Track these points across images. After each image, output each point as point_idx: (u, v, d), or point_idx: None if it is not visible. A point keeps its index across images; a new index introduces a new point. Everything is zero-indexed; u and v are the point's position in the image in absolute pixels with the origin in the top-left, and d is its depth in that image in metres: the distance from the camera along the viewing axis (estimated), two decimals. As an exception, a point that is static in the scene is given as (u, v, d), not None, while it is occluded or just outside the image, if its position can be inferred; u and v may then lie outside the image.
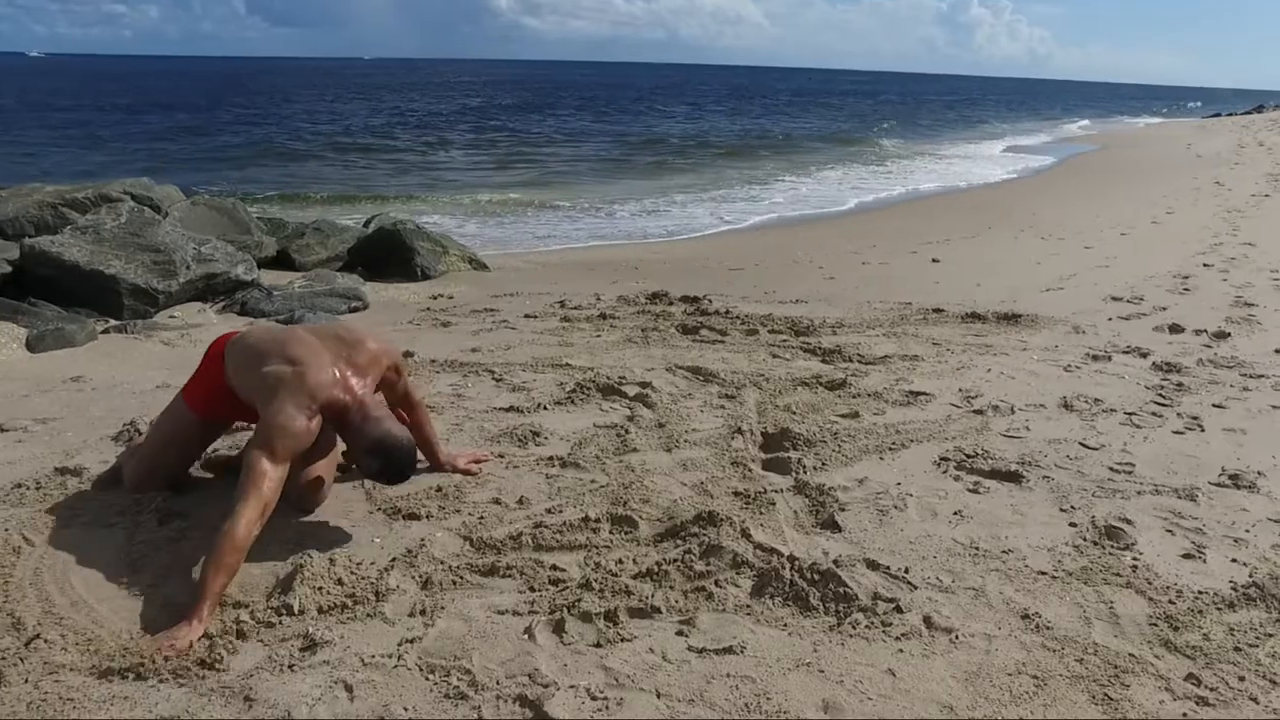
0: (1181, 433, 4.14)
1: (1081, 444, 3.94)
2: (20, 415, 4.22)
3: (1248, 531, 3.14)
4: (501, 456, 3.68)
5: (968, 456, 3.70)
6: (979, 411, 4.31)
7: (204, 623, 2.39)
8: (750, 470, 3.54)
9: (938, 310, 6.77)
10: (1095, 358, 5.41)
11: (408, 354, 5.41)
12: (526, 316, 6.75)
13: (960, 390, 4.66)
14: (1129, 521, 3.16)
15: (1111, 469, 3.67)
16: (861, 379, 4.82)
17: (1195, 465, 3.75)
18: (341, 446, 3.22)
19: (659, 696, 2.17)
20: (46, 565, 2.76)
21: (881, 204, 15.73)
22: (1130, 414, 4.36)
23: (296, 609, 2.50)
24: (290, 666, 2.28)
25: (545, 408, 4.31)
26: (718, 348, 5.59)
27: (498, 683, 2.20)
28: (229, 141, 25.06)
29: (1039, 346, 5.69)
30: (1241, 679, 2.29)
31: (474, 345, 5.72)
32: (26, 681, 2.21)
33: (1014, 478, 3.51)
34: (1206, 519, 3.23)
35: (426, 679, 2.23)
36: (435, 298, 7.80)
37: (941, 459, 3.69)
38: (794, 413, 4.22)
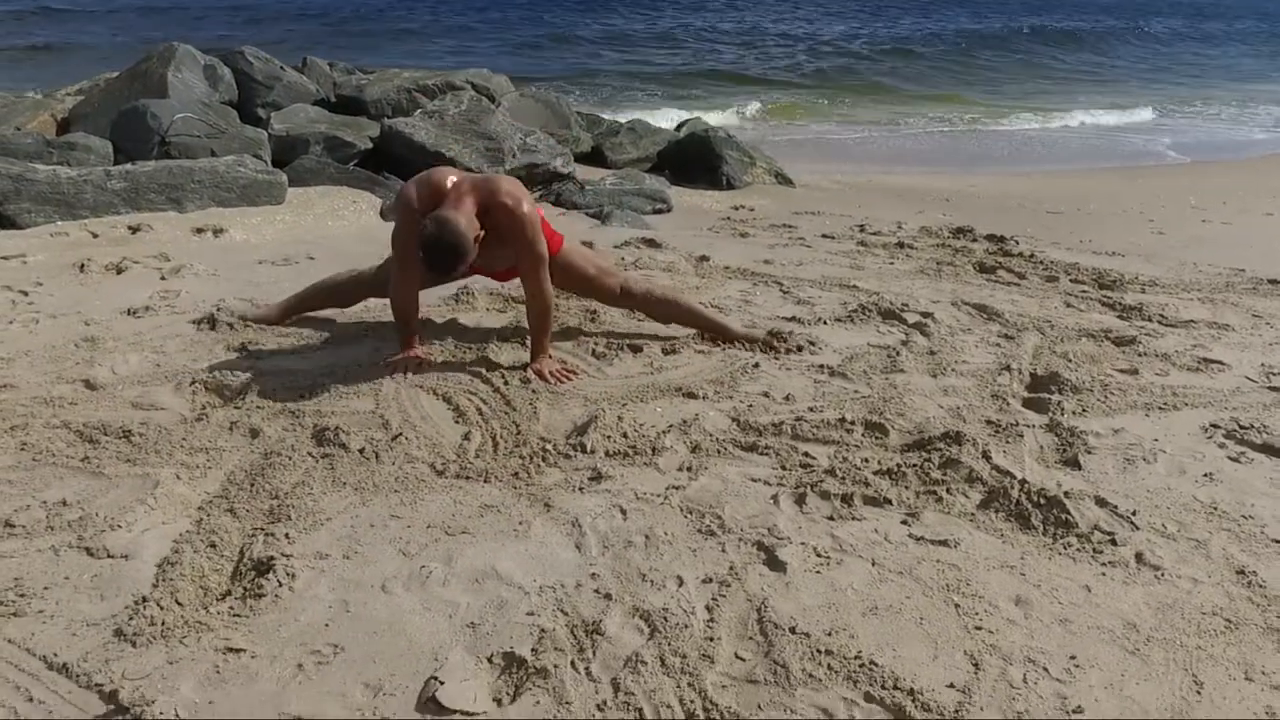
0: None
1: (1383, 436, 3.99)
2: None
3: None
4: (777, 351, 4.31)
5: (1242, 428, 3.88)
6: (1274, 389, 4.40)
7: (408, 346, 4.04)
8: (1008, 405, 3.95)
9: (1274, 281, 6.56)
10: None
11: (703, 258, 6.13)
12: (823, 236, 7.27)
13: (1263, 365, 4.71)
14: (1399, 513, 3.29)
15: (1406, 464, 3.73)
16: (1155, 339, 4.97)
17: None
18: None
19: (873, 564, 2.74)
20: (404, 386, 3.74)
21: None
22: None
23: (589, 449, 3.29)
24: (580, 489, 3.06)
25: (825, 322, 4.87)
26: (1011, 290, 5.87)
27: (741, 529, 2.87)
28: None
29: (1382, 335, 5.50)
30: None
31: (767, 257, 6.35)
32: (394, 464, 3.13)
33: (1285, 454, 3.69)
34: None
35: (685, 516, 2.93)
36: (736, 208, 8.48)
37: (1212, 425, 3.90)
38: (1070, 360, 4.52)
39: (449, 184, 3.88)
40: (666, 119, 13.17)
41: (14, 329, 4.22)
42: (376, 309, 4.73)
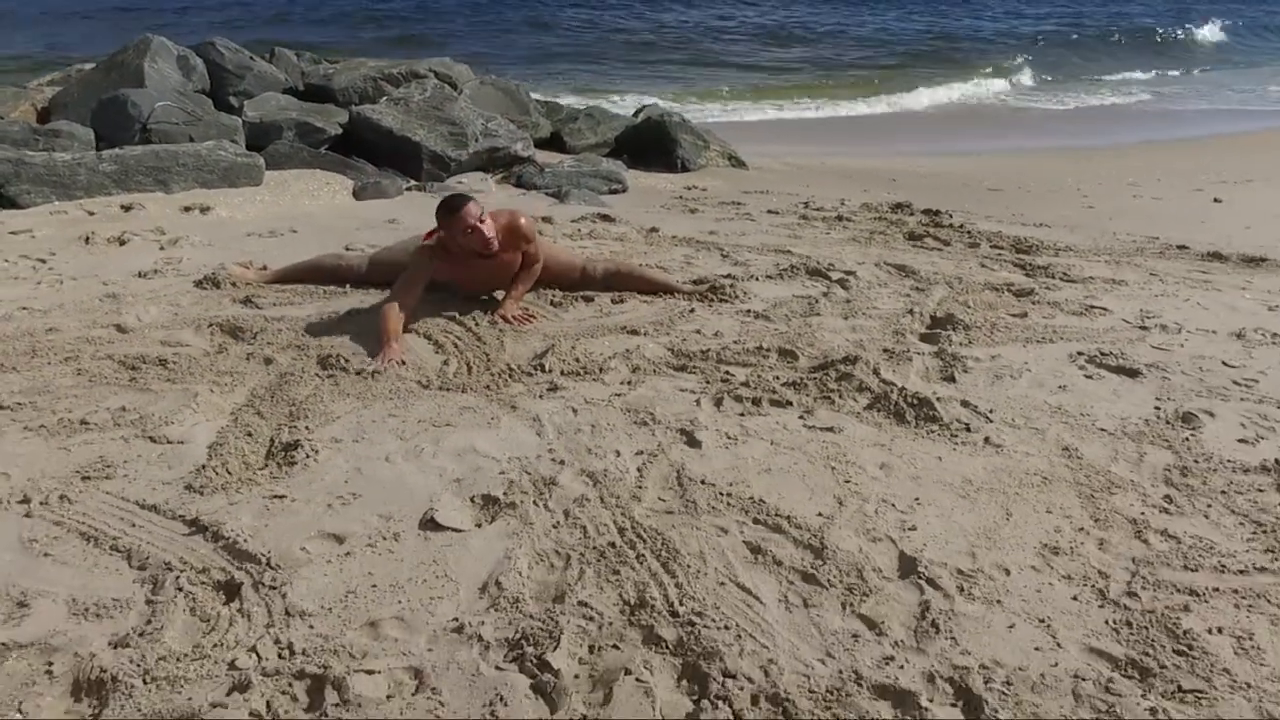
0: (1337, 369, 5.05)
1: (1223, 363, 4.97)
2: (357, 241, 6.27)
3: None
4: (711, 300, 5.28)
5: (1103, 354, 4.87)
6: (1144, 328, 5.40)
7: (389, 347, 4.45)
8: (905, 338, 4.93)
9: (1181, 247, 7.58)
10: (1315, 303, 6.20)
11: (653, 230, 7.09)
12: (769, 212, 8.27)
13: (1142, 311, 5.71)
14: (1211, 415, 4.28)
15: (1235, 382, 4.70)
16: (1052, 291, 5.97)
17: (1322, 390, 4.70)
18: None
19: (771, 444, 3.71)
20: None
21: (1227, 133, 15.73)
22: (1299, 348, 5.28)
23: (547, 369, 4.25)
24: (540, 396, 4.02)
25: (757, 279, 5.85)
26: (933, 254, 6.87)
27: (669, 421, 3.83)
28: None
29: (1262, 288, 6.50)
30: (1209, 505, 3.50)
31: (713, 229, 7.33)
32: (387, 381, 4.08)
33: (1132, 374, 4.67)
34: (1290, 423, 4.28)
35: (624, 413, 3.89)
36: (689, 188, 9.46)
37: (1078, 353, 4.89)
38: (968, 306, 5.51)
39: None
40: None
41: (42, 289, 5.11)
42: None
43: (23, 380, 3.98)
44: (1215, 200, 9.88)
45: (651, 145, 10.75)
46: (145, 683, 2.34)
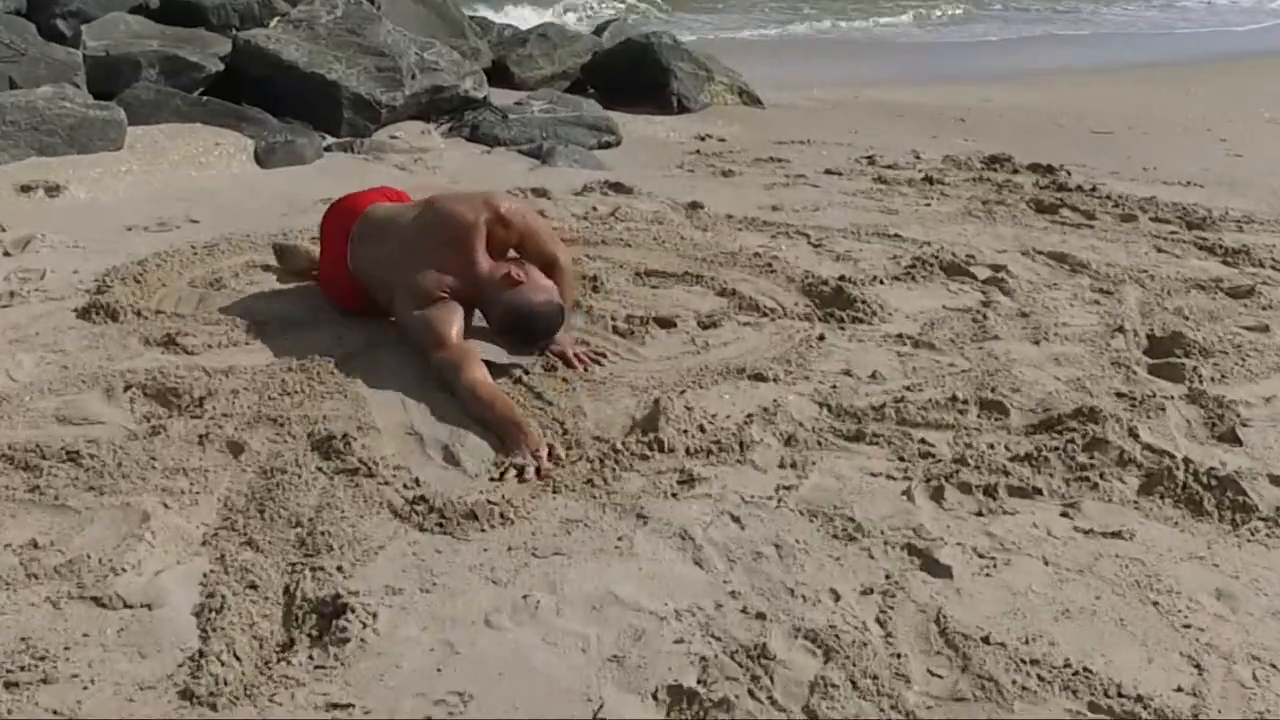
0: None
1: None
2: (288, 230, 5.59)
3: None
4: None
5: None
6: None
7: (528, 435, 3.71)
8: (1135, 373, 4.47)
9: None
10: None
11: (695, 205, 6.53)
12: (827, 172, 7.81)
13: None
14: None
15: None
16: (1274, 289, 5.59)
17: None
18: None
19: (1046, 564, 3.18)
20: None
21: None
22: None
23: (666, 447, 3.65)
24: (672, 495, 3.44)
25: (881, 281, 5.33)
26: (1084, 233, 6.47)
27: (882, 532, 3.27)
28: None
29: None
30: None
31: (771, 202, 6.84)
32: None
33: None
34: None
35: (810, 520, 3.33)
36: (702, 138, 8.94)
37: (1379, 385, 4.48)
38: (1187, 318, 5.08)
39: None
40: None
41: None
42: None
43: None
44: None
45: (632, 76, 10.23)
46: None
